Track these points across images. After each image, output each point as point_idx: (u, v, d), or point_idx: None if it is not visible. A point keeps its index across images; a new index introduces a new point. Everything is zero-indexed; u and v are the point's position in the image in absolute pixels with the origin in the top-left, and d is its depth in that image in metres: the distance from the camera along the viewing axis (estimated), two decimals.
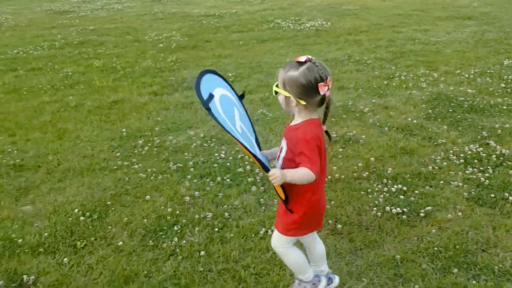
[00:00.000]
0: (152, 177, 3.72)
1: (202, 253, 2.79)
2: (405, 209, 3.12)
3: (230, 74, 6.28)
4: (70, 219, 3.17)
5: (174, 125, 4.77)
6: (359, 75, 6.09)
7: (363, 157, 3.88)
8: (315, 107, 2.03)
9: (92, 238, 2.98)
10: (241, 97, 2.23)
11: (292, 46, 7.83)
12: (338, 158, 3.90)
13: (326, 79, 1.94)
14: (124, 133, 4.57)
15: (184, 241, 2.91)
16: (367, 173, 3.63)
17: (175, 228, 3.05)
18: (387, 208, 3.14)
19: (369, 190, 3.39)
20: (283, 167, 2.06)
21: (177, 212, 3.23)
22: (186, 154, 4.10)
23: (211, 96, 1.89)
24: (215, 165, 3.87)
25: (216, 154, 4.05)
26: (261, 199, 3.35)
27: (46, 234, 3.01)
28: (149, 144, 4.31)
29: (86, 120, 4.99)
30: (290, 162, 2.03)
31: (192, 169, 3.82)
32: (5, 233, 3.06)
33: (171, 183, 3.63)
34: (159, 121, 4.87)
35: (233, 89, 2.19)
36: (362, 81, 5.81)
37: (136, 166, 3.90)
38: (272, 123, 4.63)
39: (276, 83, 2.03)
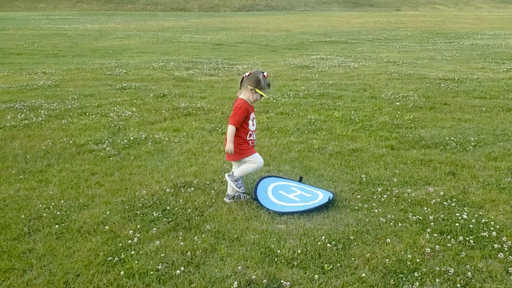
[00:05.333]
0: (391, 223, 3.91)
1: None
2: None
3: (472, 139, 6.12)
4: (318, 243, 3.58)
5: (412, 179, 4.90)
6: None
7: None
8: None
9: (338, 264, 3.30)
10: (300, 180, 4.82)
11: None
12: None
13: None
14: (364, 178, 4.90)
15: None
16: None
17: (415, 274, 3.15)
18: None
19: None
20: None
21: (417, 260, 3.32)
22: (425, 208, 4.17)
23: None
24: (457, 224, 3.84)
25: (457, 214, 4.02)
26: (510, 268, 3.20)
27: (299, 251, 3.46)
28: (388, 193, 4.52)
29: (328, 162, 5.51)
30: None
31: (432, 223, 3.87)
32: (265, 242, 3.62)
33: (410, 232, 3.75)
34: (397, 173, 5.06)
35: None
36: None
37: (376, 210, 4.15)
38: None
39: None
